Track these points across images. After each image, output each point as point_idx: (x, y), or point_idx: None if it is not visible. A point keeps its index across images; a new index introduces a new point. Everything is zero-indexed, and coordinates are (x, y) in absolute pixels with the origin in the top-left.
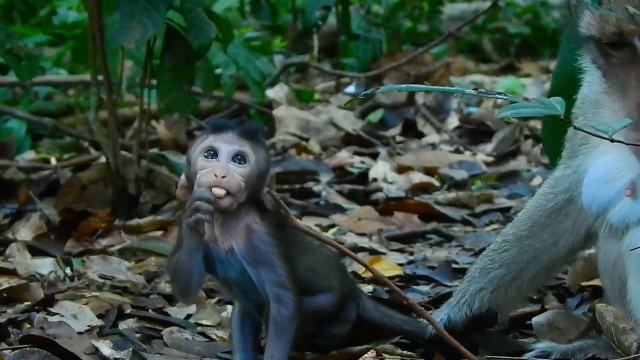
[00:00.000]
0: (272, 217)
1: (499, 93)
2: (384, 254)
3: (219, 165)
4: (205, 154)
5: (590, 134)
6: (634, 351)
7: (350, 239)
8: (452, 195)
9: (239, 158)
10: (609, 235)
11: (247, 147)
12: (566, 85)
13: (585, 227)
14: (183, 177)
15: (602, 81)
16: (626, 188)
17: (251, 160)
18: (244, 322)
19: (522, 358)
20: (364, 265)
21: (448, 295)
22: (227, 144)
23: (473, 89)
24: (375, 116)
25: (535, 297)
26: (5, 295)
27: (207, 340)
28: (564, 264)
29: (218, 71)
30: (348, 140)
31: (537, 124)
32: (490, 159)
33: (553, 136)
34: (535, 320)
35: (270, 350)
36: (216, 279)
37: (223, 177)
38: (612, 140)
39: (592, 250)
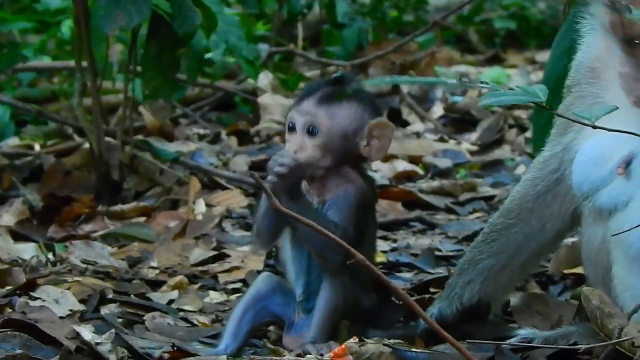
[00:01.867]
0: (371, 182)
1: (482, 82)
2: None
3: (293, 139)
4: (288, 126)
5: (574, 120)
6: (615, 336)
7: None
8: (436, 183)
9: (311, 129)
10: (594, 220)
11: (320, 115)
12: (557, 86)
13: (572, 208)
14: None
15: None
16: (618, 167)
17: (324, 129)
18: (247, 312)
19: (504, 343)
20: (349, 251)
21: (431, 282)
22: (300, 115)
23: (457, 78)
24: None
25: (518, 285)
26: None
27: (189, 325)
28: (552, 248)
29: (208, 55)
30: None
31: (522, 113)
32: (475, 147)
33: (541, 124)
34: (513, 302)
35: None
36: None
37: (295, 151)
38: (595, 127)
39: (575, 238)
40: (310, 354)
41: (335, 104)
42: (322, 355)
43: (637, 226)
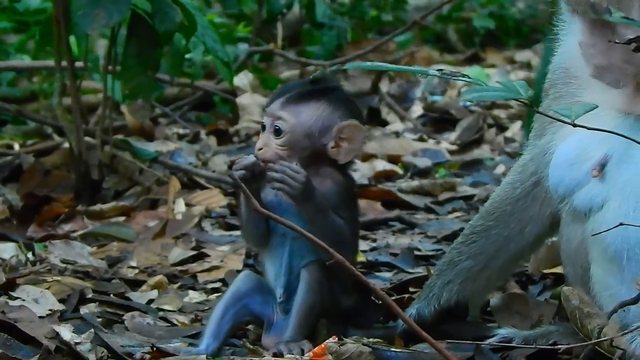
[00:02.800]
0: (350, 180)
1: (463, 75)
2: None
3: (261, 137)
4: (262, 126)
5: (554, 118)
6: (594, 336)
7: None
8: (415, 183)
9: (275, 129)
10: (573, 220)
11: (284, 114)
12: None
13: (550, 211)
14: None
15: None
16: (593, 169)
17: (287, 128)
18: (228, 311)
19: (484, 343)
20: (327, 250)
21: (410, 282)
22: (267, 116)
23: (437, 70)
24: None
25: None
26: None
27: (168, 325)
28: (531, 252)
29: (188, 56)
30: None
31: (501, 113)
32: (454, 147)
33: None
34: (493, 302)
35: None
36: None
37: (260, 149)
38: (575, 126)
39: (555, 238)
40: (283, 353)
41: (302, 103)
42: (294, 354)
43: (613, 227)
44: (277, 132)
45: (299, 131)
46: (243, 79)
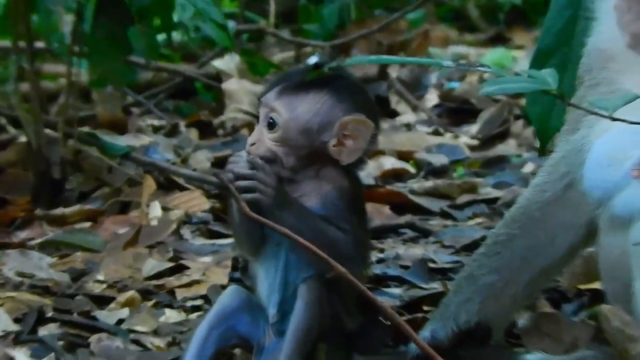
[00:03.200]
0: (356, 184)
1: (482, 65)
2: None
3: (255, 130)
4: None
5: (588, 111)
6: None
7: None
8: (429, 183)
9: (269, 122)
10: (612, 228)
11: (279, 106)
12: (558, 44)
13: (586, 219)
14: None
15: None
16: (633, 169)
17: (281, 122)
18: (211, 333)
19: None
20: (327, 262)
21: (424, 299)
22: (262, 105)
23: (453, 61)
24: None
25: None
26: None
27: (141, 349)
28: (564, 265)
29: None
30: None
31: None
32: (475, 142)
33: (540, 107)
34: (520, 323)
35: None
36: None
37: (252, 144)
38: (613, 119)
39: (592, 248)
40: None
41: (300, 94)
42: None
43: None
44: (271, 125)
45: (294, 127)
46: (229, 63)
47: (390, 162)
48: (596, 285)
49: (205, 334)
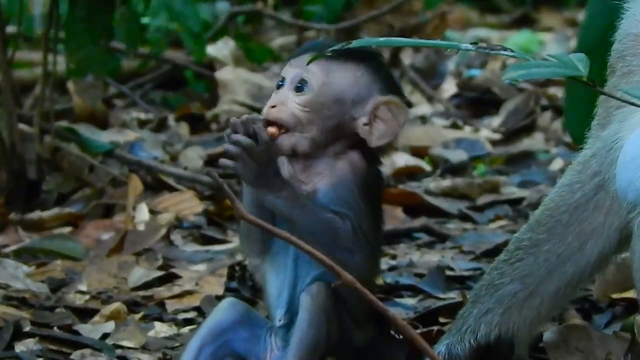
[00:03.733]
0: (376, 171)
1: (505, 49)
2: None
3: (275, 95)
4: (277, 84)
5: (621, 100)
6: None
7: None
8: (447, 182)
9: (299, 84)
10: None
11: (314, 68)
12: (598, 44)
13: (619, 223)
14: None
15: None
16: None
17: (315, 84)
18: (204, 350)
19: None
20: (332, 270)
21: (440, 310)
22: (291, 67)
23: (472, 44)
24: None
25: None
26: None
27: None
28: (593, 274)
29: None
30: None
31: (559, 92)
32: (497, 136)
33: (577, 102)
34: (547, 336)
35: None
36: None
37: (273, 106)
38: None
39: (626, 254)
40: None
41: (338, 62)
42: None
43: None
44: (300, 88)
45: (329, 92)
46: (223, 49)
47: (403, 159)
48: (630, 294)
49: (196, 352)
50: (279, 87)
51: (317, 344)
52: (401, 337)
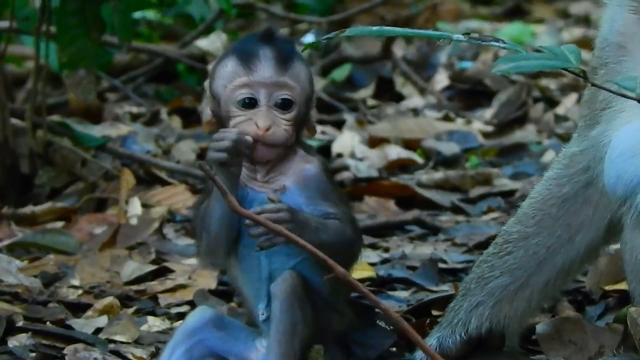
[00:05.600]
0: (325, 162)
1: (497, 40)
2: None
3: (260, 114)
4: (241, 98)
5: (613, 92)
6: None
7: None
8: (439, 175)
9: (282, 102)
10: (637, 226)
11: (290, 81)
12: None
13: (608, 216)
14: (208, 110)
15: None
16: None
17: (297, 98)
18: (175, 351)
19: None
20: (325, 261)
21: (433, 303)
22: (267, 86)
23: (464, 34)
24: (340, 73)
25: (545, 306)
26: None
27: None
28: (583, 265)
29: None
30: None
31: (551, 83)
32: (490, 128)
33: None
34: (539, 329)
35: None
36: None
37: (267, 129)
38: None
39: (618, 245)
40: None
41: (296, 64)
42: None
43: None
44: (286, 105)
45: (302, 101)
46: (215, 42)
47: (395, 152)
48: (623, 285)
49: (169, 352)
50: (248, 105)
51: (294, 328)
52: (393, 328)
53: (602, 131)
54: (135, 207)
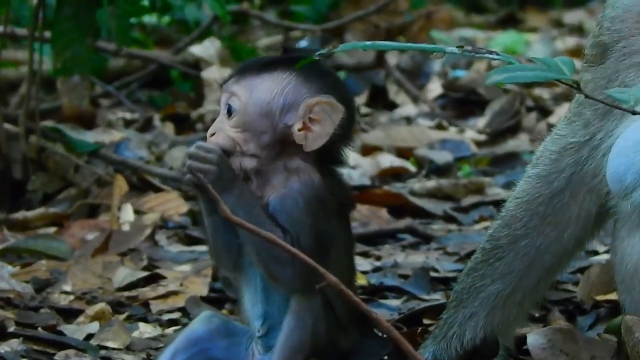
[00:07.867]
0: (334, 178)
1: (490, 52)
2: None
3: (216, 120)
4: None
5: (604, 103)
6: None
7: None
8: (431, 183)
9: (228, 108)
10: (632, 228)
11: (238, 90)
12: None
13: (595, 209)
14: None
15: None
16: None
17: (239, 105)
18: (177, 356)
19: None
20: (317, 269)
21: (424, 311)
22: (223, 92)
23: (457, 47)
24: None
25: (537, 315)
26: None
27: None
28: (570, 260)
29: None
30: None
31: (544, 92)
32: (482, 137)
33: None
34: (531, 339)
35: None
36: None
37: (212, 134)
38: (634, 113)
39: (609, 256)
40: None
41: (262, 75)
42: None
43: None
44: (230, 111)
45: (253, 109)
46: (209, 48)
47: (388, 160)
48: (614, 296)
49: (169, 358)
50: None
51: (301, 346)
52: (385, 337)
53: (594, 124)
54: (127, 214)
